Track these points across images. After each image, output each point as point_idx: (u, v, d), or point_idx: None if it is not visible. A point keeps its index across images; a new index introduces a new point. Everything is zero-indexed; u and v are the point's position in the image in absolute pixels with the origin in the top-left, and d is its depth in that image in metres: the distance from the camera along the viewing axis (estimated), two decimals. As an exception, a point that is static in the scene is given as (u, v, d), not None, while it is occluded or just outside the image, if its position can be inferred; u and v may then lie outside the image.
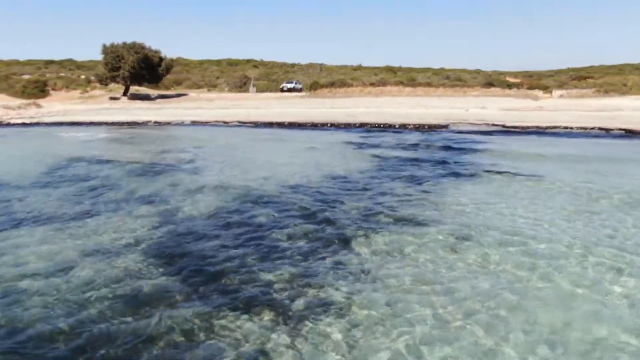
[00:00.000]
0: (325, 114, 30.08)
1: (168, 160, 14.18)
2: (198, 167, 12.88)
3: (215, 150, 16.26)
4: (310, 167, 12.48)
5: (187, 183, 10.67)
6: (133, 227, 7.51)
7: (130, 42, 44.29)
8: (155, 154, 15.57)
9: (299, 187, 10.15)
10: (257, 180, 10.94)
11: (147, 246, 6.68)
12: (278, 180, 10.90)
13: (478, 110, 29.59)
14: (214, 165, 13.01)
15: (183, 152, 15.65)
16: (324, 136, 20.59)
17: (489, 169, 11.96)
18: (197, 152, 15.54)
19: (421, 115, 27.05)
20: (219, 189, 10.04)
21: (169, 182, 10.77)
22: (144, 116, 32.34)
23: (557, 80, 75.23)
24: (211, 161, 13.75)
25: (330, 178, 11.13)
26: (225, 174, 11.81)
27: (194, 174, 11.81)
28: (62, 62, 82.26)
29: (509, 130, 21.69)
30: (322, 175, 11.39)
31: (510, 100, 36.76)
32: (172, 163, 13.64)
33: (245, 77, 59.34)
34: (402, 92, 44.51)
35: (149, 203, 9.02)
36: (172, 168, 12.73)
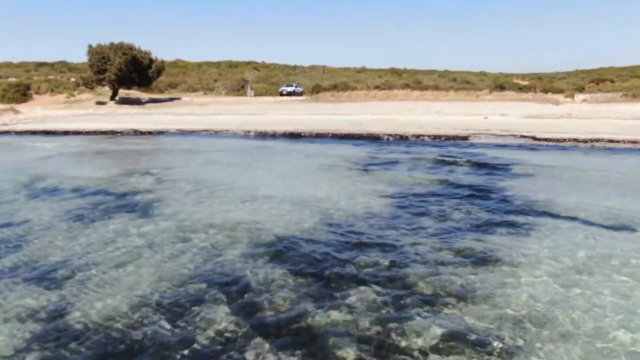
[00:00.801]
0: (326, 121, 26.91)
1: (122, 188, 11.01)
2: (154, 200, 9.70)
3: (186, 172, 13.08)
4: (300, 206, 9.28)
5: (121, 239, 7.50)
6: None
7: (117, 43, 41.24)
8: (112, 177, 12.41)
9: (274, 247, 6.98)
10: (224, 228, 7.78)
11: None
12: (250, 232, 7.72)
13: (498, 118, 26.36)
14: (174, 199, 9.82)
15: (147, 175, 12.49)
16: (324, 151, 17.40)
17: (551, 208, 8.74)
18: (163, 176, 12.37)
19: (435, 123, 23.83)
20: (162, 249, 6.89)
21: (98, 237, 7.61)
22: (127, 123, 29.25)
23: (571, 82, 71.80)
24: (174, 191, 10.56)
25: (325, 226, 7.94)
26: (183, 216, 8.62)
27: (143, 216, 8.65)
28: (55, 64, 79.47)
29: (542, 143, 18.45)
30: (315, 222, 8.21)
31: (530, 106, 33.50)
32: (125, 192, 10.49)
33: (244, 80, 56.25)
34: (410, 96, 41.33)
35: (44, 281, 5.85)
36: (120, 203, 9.56)
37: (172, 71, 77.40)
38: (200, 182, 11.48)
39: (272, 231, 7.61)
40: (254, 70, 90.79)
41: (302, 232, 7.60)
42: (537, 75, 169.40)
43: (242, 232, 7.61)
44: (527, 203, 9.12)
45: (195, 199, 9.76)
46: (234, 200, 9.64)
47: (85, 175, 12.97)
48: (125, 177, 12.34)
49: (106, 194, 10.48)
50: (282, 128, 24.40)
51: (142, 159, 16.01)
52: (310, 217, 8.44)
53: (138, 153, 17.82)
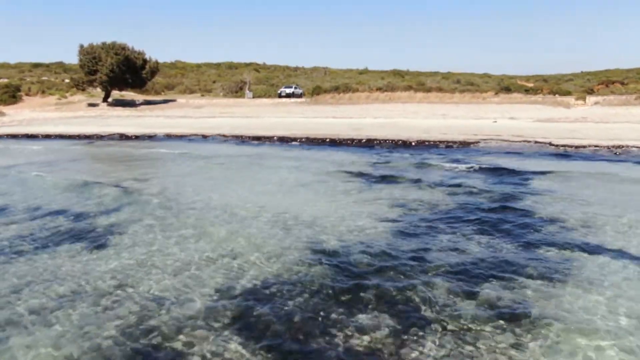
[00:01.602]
0: (324, 125, 25.30)
1: (80, 206, 9.42)
2: (110, 226, 8.09)
3: (161, 185, 11.46)
4: (284, 232, 7.66)
5: (57, 279, 5.89)
6: None
7: (110, 42, 39.72)
8: (74, 191, 10.82)
9: (246, 297, 5.35)
10: (188, 268, 6.16)
11: None
12: (223, 272, 6.10)
13: (508, 122, 24.70)
14: (135, 223, 8.22)
15: (115, 189, 10.87)
16: (319, 158, 15.78)
17: (596, 238, 7.09)
18: (133, 190, 10.76)
19: (442, 127, 22.19)
20: (101, 296, 5.27)
21: (31, 273, 6.01)
22: (115, 127, 27.70)
23: (578, 84, 69.99)
24: (139, 212, 8.95)
25: (312, 261, 6.32)
26: (140, 250, 7.01)
27: (91, 247, 7.03)
28: (51, 65, 78.02)
29: (560, 150, 16.79)
30: (299, 255, 6.58)
31: (541, 109, 31.82)
32: (81, 213, 8.89)
33: (242, 82, 54.68)
34: (414, 98, 39.68)
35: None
36: (69, 228, 7.96)
37: (170, 72, 75.93)
38: (173, 199, 9.87)
39: (247, 273, 5.99)
40: (254, 72, 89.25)
41: (284, 271, 5.98)
42: (542, 77, 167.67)
43: (213, 271, 6.00)
44: (562, 232, 7.47)
45: (161, 224, 8.14)
46: (207, 225, 8.02)
47: (46, 186, 11.39)
48: (88, 191, 10.73)
49: (58, 213, 8.89)
50: (277, 132, 22.80)
51: (118, 168, 14.42)
52: (294, 246, 6.81)
53: (116, 160, 16.23)
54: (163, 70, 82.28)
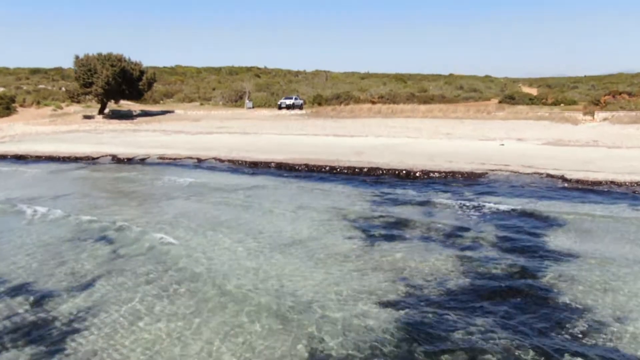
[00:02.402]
0: (324, 146, 24.33)
1: (20, 276, 8.46)
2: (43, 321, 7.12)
3: (134, 237, 10.50)
4: (276, 323, 6.71)
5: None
6: None
7: (106, 53, 38.82)
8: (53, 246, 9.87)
9: None
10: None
11: None
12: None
13: (515, 145, 23.70)
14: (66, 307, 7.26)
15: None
16: (318, 195, 14.82)
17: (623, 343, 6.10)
18: (106, 251, 9.80)
19: (447, 152, 21.19)
20: None
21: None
22: (108, 146, 26.77)
23: (583, 93, 68.91)
24: (83, 279, 7.98)
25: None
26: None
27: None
28: (49, 71, 77.10)
29: (574, 185, 15.78)
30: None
31: (548, 127, 30.81)
32: (24, 282, 7.94)
33: (242, 91, 53.76)
34: (417, 111, 38.68)
35: None
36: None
37: (170, 79, 75.04)
38: (150, 256, 8.91)
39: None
40: (254, 78, 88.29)
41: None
42: (545, 80, 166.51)
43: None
44: (593, 329, 6.46)
45: (100, 320, 7.17)
46: (175, 311, 7.05)
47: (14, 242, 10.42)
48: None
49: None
50: (275, 156, 21.83)
51: (93, 212, 13.42)
52: (266, 343, 5.84)
53: (95, 197, 15.15)
54: (163, 76, 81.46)
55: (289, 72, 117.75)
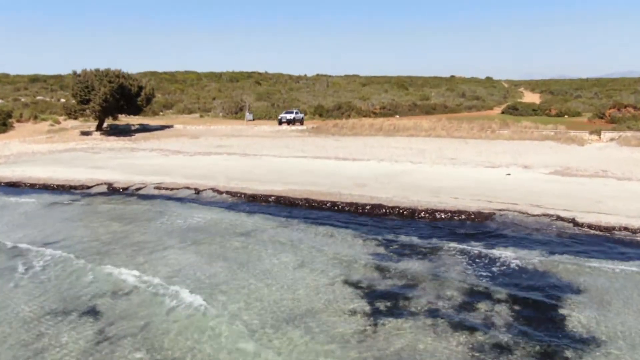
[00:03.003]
0: (326, 174, 23.70)
1: None
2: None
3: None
4: None
5: None
6: None
7: (104, 70, 38.23)
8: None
9: None
10: None
11: None
12: None
13: (522, 175, 23.05)
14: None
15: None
16: (317, 245, 14.19)
17: None
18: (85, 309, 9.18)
19: (452, 186, 20.54)
20: None
21: None
22: (104, 170, 26.21)
23: (587, 102, 68.29)
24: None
25: None
26: None
27: None
28: (48, 79, 76.52)
29: (586, 231, 15.14)
30: None
31: (554, 149, 30.16)
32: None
33: (242, 101, 53.12)
34: (420, 128, 38.03)
35: None
36: None
37: (170, 87, 74.42)
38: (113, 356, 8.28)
39: None
40: (255, 85, 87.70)
41: None
42: (546, 83, 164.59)
43: None
44: None
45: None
46: None
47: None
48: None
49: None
50: (274, 187, 21.23)
51: (83, 270, 12.79)
52: None
53: (85, 245, 14.47)
54: (162, 84, 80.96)
55: (290, 78, 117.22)
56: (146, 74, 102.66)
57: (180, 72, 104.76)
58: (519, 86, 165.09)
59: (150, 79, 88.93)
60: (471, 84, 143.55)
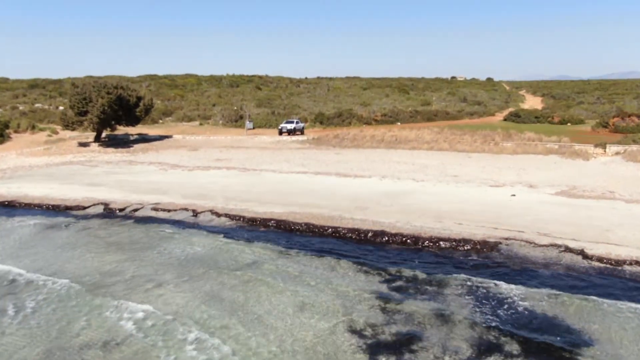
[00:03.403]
0: (327, 194, 23.21)
1: None
2: None
3: None
4: None
5: None
6: None
7: (101, 81, 37.77)
8: None
9: None
10: None
11: None
12: None
13: (527, 196, 22.55)
14: None
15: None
16: (318, 282, 13.70)
17: None
18: None
19: (456, 209, 20.06)
20: None
21: None
22: (102, 187, 25.73)
23: (589, 109, 67.69)
24: None
25: None
26: None
27: None
28: (47, 84, 76.00)
29: (595, 264, 14.66)
30: None
31: (559, 164, 29.66)
32: None
33: (242, 111, 52.59)
34: (422, 140, 37.55)
35: None
36: None
37: (169, 93, 73.89)
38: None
39: None
40: (255, 91, 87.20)
41: None
42: (547, 85, 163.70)
43: None
44: None
45: None
46: None
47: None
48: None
49: None
50: (273, 210, 20.76)
51: (73, 309, 12.31)
52: None
53: (79, 279, 13.98)
54: (162, 89, 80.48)
55: (291, 82, 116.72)
56: (146, 78, 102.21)
57: (180, 75, 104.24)
58: (520, 88, 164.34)
59: (150, 84, 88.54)
60: (472, 86, 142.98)
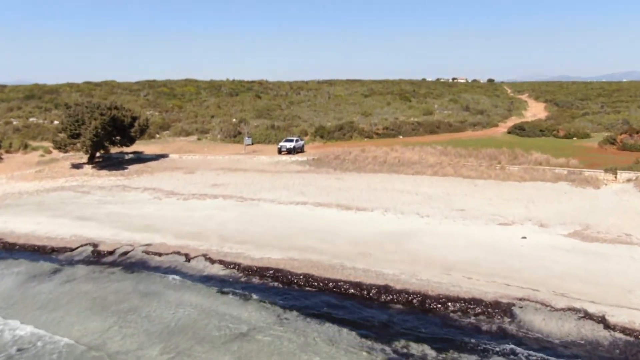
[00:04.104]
0: (327, 232, 22.06)
1: None
2: None
3: None
4: None
5: None
6: None
7: (95, 102, 36.63)
8: None
9: None
10: None
11: None
12: None
13: (537, 234, 21.43)
14: None
15: None
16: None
17: None
18: None
19: (465, 258, 18.90)
20: None
21: None
22: (90, 224, 24.57)
23: (595, 122, 66.42)
24: None
25: None
26: None
27: None
28: (43, 94, 74.70)
29: (620, 337, 13.49)
30: None
31: (569, 194, 28.47)
32: None
33: (241, 122, 51.33)
34: (425, 163, 36.38)
35: None
36: None
37: (167, 104, 72.59)
38: None
39: None
40: (255, 100, 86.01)
41: None
42: (549, 88, 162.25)
43: None
44: None
45: None
46: None
47: None
48: None
49: None
50: (270, 255, 19.64)
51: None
52: None
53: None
54: (160, 101, 79.34)
55: (291, 87, 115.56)
56: (144, 85, 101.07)
57: (179, 81, 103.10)
58: (522, 92, 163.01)
59: (148, 92, 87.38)
60: (474, 90, 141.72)
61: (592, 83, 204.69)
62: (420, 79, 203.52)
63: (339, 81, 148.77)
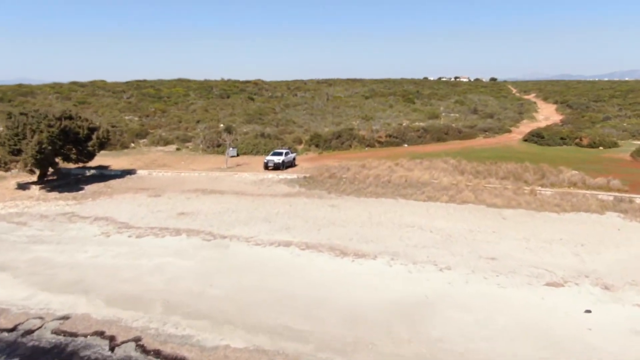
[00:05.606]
0: (312, 300, 16.10)
1: None
2: None
3: None
4: None
5: None
6: None
7: (43, 111, 30.57)
8: None
9: None
10: None
11: None
12: None
13: (604, 307, 15.43)
14: None
15: None
16: None
17: None
18: None
19: (504, 350, 12.88)
20: None
21: None
22: (9, 281, 18.54)
23: (619, 127, 60.25)
24: None
25: None
26: None
27: None
28: (15, 98, 68.30)
29: None
30: None
31: (625, 231, 22.45)
32: None
33: (223, 140, 45.11)
34: (439, 185, 30.35)
35: None
36: None
37: (149, 109, 66.37)
38: None
39: None
40: (247, 102, 79.92)
41: None
42: (558, 91, 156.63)
43: None
44: None
45: None
46: None
47: None
48: None
49: None
50: (229, 343, 13.65)
51: None
52: None
53: None
54: (143, 104, 73.23)
55: (288, 88, 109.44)
56: (131, 86, 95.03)
57: (168, 82, 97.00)
58: (528, 92, 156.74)
59: (132, 94, 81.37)
60: (478, 90, 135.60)
61: (599, 82, 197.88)
62: (422, 78, 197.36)
63: (339, 81, 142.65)
